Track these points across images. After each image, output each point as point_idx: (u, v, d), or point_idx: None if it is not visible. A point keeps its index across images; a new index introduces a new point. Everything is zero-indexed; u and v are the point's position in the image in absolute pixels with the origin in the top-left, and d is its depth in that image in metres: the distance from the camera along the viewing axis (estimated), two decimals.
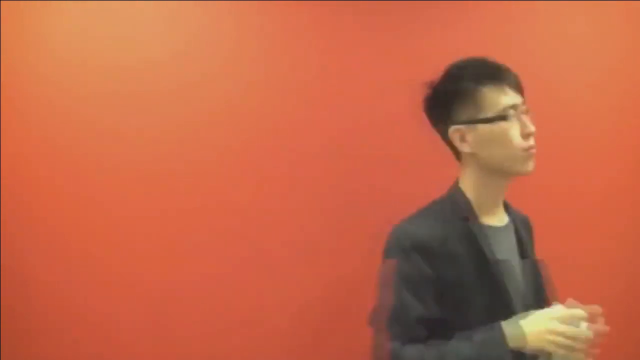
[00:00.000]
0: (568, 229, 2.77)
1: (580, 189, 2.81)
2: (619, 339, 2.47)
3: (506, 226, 1.75)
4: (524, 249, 1.76)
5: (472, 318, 1.58)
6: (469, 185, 1.74)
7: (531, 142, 1.67)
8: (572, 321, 1.50)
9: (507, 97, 1.67)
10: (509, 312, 1.59)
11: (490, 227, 1.70)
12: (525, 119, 1.69)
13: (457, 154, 1.79)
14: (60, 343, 2.51)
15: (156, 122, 2.59)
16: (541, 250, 1.88)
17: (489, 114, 1.66)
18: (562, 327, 1.48)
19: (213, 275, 2.59)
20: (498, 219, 1.75)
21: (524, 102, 1.72)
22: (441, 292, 1.60)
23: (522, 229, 1.80)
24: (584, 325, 1.49)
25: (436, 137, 1.84)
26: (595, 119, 2.84)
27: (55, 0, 2.55)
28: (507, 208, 1.82)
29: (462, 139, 1.70)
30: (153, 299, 2.56)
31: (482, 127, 1.66)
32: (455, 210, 1.69)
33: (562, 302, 1.60)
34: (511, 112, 1.66)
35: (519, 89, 1.73)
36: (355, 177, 2.68)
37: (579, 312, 1.52)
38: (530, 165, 1.67)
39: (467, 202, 1.71)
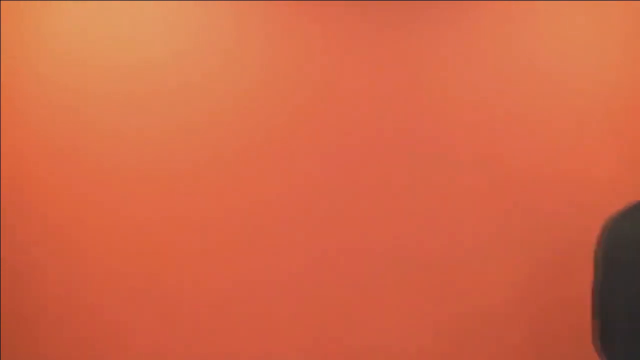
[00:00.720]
0: (569, 223, 2.77)
1: (579, 184, 2.81)
2: None
3: None
4: None
5: None
6: None
7: None
8: None
9: None
10: None
11: None
12: None
13: None
14: (60, 343, 2.51)
15: (156, 121, 2.59)
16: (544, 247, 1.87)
17: None
18: None
19: (216, 275, 2.59)
20: None
21: None
22: None
23: None
24: None
25: (434, 133, 1.83)
26: (595, 118, 2.84)
27: (55, 0, 2.56)
28: None
29: None
30: (154, 298, 2.56)
31: None
32: None
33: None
34: None
35: None
36: (357, 177, 2.68)
37: None
38: None
39: None
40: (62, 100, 2.55)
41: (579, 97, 2.83)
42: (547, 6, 2.82)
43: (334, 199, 2.67)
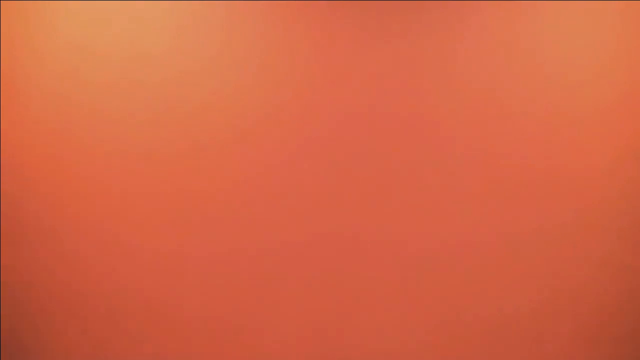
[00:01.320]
0: (569, 220, 2.76)
1: (579, 180, 2.80)
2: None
3: None
4: None
5: None
6: None
7: None
8: None
9: None
10: None
11: None
12: None
13: None
14: (60, 341, 2.52)
15: (153, 110, 2.62)
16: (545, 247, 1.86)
17: None
18: None
19: (215, 266, 2.60)
20: None
21: None
22: None
23: None
24: None
25: (431, 134, 1.83)
26: (596, 117, 2.83)
27: (55, 0, 2.58)
28: None
29: None
30: (157, 295, 2.57)
31: None
32: None
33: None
34: None
35: None
36: (351, 176, 2.68)
37: None
38: None
39: None
40: (63, 92, 2.59)
41: (579, 97, 2.83)
42: (546, 6, 2.81)
43: (332, 197, 2.67)
